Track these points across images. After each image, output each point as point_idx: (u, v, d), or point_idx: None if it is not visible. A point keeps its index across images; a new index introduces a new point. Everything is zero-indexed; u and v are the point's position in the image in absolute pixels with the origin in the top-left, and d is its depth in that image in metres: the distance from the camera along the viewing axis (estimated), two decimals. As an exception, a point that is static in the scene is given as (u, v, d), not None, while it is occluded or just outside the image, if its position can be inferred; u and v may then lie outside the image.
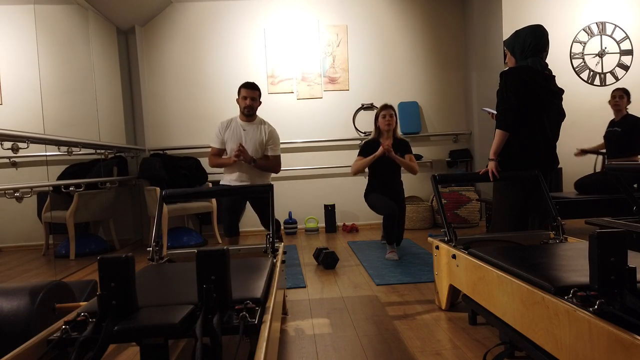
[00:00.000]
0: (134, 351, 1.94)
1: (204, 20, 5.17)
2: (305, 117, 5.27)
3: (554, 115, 2.55)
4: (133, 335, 1.11)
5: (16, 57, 3.53)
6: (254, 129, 3.40)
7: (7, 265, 3.61)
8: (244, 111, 3.37)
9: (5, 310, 1.52)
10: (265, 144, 3.40)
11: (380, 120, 3.63)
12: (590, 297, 1.19)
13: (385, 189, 3.64)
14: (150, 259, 2.03)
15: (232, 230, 3.38)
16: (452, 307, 2.30)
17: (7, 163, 3.64)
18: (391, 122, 3.59)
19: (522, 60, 2.47)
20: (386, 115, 3.60)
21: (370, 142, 3.68)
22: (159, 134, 5.21)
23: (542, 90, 2.43)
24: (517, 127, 2.44)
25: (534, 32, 2.45)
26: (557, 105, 2.56)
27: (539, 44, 2.43)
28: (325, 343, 1.94)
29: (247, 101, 3.34)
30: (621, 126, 4.06)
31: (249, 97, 3.34)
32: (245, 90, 3.36)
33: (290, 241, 4.60)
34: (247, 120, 3.41)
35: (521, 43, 2.46)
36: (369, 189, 3.71)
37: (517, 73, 2.42)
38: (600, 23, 4.80)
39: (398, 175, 3.72)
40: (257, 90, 3.40)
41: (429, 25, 5.34)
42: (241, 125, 3.41)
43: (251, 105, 3.35)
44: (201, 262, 1.19)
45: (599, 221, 2.93)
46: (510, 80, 2.41)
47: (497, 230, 2.56)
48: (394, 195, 3.63)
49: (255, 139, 3.38)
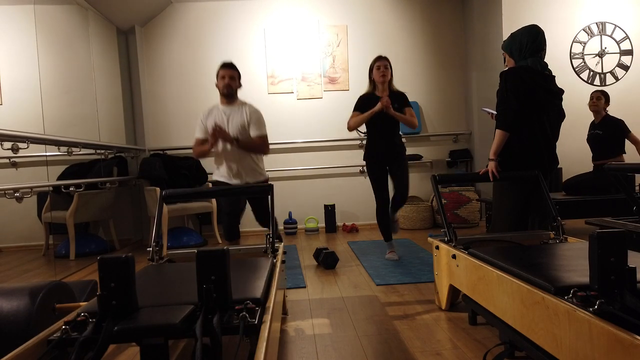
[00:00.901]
0: (134, 351, 1.94)
1: (204, 20, 5.17)
2: (305, 117, 5.27)
3: (554, 115, 2.55)
4: (133, 335, 1.11)
5: (16, 57, 3.53)
6: (236, 112, 3.21)
7: (7, 266, 3.61)
8: (223, 91, 3.19)
9: (5, 311, 1.52)
10: (248, 125, 3.20)
11: (374, 72, 3.37)
12: (590, 297, 1.19)
13: (385, 147, 3.39)
14: (150, 259, 2.03)
15: (233, 234, 3.26)
16: (452, 307, 2.30)
17: (7, 163, 3.64)
18: (386, 74, 3.33)
19: (521, 61, 2.46)
20: (380, 67, 3.33)
21: (365, 97, 3.42)
22: (159, 134, 5.21)
23: (542, 90, 2.43)
24: (517, 127, 2.44)
25: (529, 31, 2.45)
26: (557, 106, 2.56)
27: (535, 43, 2.43)
28: (325, 343, 1.94)
29: (226, 80, 3.17)
30: (602, 128, 4.06)
31: (227, 76, 3.17)
32: (222, 70, 3.20)
33: (290, 241, 4.60)
34: (227, 103, 3.23)
35: (518, 44, 2.47)
36: (369, 154, 3.45)
37: (517, 73, 2.42)
38: (600, 23, 4.80)
39: (397, 129, 3.45)
40: (235, 70, 3.23)
41: (429, 25, 5.34)
42: (222, 109, 3.23)
43: (229, 84, 3.17)
44: (201, 262, 1.19)
45: (599, 221, 2.93)
46: (510, 80, 2.40)
47: (497, 230, 2.55)
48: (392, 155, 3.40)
49: (238, 122, 3.19)
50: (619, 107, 4.75)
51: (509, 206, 2.52)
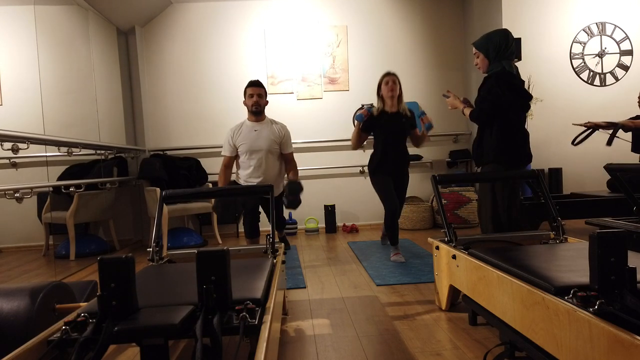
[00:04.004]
0: (134, 352, 1.94)
1: (204, 21, 5.17)
2: (305, 117, 5.27)
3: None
4: (133, 335, 1.11)
5: (16, 58, 3.53)
6: (266, 128, 3.44)
7: (7, 266, 3.61)
8: (252, 109, 3.39)
9: (5, 311, 1.52)
10: (281, 142, 3.46)
11: (383, 87, 3.39)
12: (591, 297, 1.19)
13: (394, 159, 3.41)
14: (150, 260, 2.03)
15: (253, 232, 3.54)
16: (452, 307, 2.30)
17: (7, 164, 3.64)
18: (394, 89, 3.35)
19: (496, 63, 2.58)
20: (389, 82, 3.36)
21: (374, 117, 3.41)
22: (159, 134, 5.21)
23: (524, 92, 2.59)
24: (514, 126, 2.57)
25: (506, 35, 2.57)
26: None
27: (509, 47, 2.57)
28: (325, 343, 1.94)
29: (254, 98, 3.37)
30: None
31: (255, 94, 3.38)
32: (251, 88, 3.40)
33: (290, 241, 4.59)
34: (256, 119, 3.44)
35: (494, 45, 2.56)
36: (377, 166, 3.43)
37: (510, 75, 2.56)
38: (600, 23, 4.80)
39: (405, 140, 3.47)
40: (262, 88, 3.43)
41: (429, 26, 5.34)
42: (252, 126, 3.44)
43: (258, 102, 3.38)
44: (201, 263, 1.19)
45: (599, 221, 2.93)
46: (503, 80, 2.53)
47: (485, 231, 2.63)
48: (401, 165, 3.44)
49: (269, 137, 3.41)
50: (619, 107, 4.76)
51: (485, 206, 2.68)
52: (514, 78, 2.56)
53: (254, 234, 3.55)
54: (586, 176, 4.84)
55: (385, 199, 3.39)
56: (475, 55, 2.68)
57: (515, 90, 2.54)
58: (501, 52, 2.55)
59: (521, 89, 2.58)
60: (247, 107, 3.46)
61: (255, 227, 3.53)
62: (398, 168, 3.47)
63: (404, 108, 3.45)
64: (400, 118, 3.37)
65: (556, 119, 4.71)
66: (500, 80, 2.52)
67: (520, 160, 2.60)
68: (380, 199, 3.44)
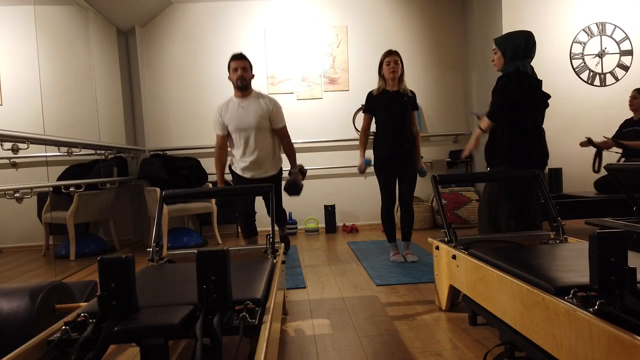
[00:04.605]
0: (134, 352, 1.94)
1: (204, 21, 5.17)
2: (305, 117, 5.27)
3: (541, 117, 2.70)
4: (133, 335, 1.11)
5: (16, 58, 3.53)
6: (253, 103, 3.22)
7: (7, 266, 3.61)
8: (237, 83, 3.18)
9: (5, 311, 1.52)
10: (269, 116, 3.25)
11: (384, 67, 3.27)
12: (591, 297, 1.18)
13: (397, 142, 3.29)
14: (150, 260, 2.03)
15: (250, 231, 3.45)
16: (452, 307, 2.30)
17: (7, 164, 3.64)
18: (396, 69, 3.23)
19: (511, 62, 2.56)
20: (390, 62, 3.23)
21: (375, 95, 3.33)
22: (159, 134, 5.21)
23: (538, 93, 2.57)
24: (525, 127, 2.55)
25: (527, 37, 2.56)
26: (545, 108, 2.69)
27: (527, 49, 2.55)
28: (325, 343, 1.94)
29: (239, 72, 3.15)
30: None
31: (239, 68, 3.16)
32: (234, 61, 3.18)
33: (290, 242, 4.59)
34: (242, 95, 3.23)
35: (513, 45, 2.55)
36: (380, 153, 3.34)
37: (522, 75, 2.52)
38: (600, 23, 4.80)
39: (407, 125, 3.33)
40: (247, 60, 3.21)
41: (429, 26, 5.34)
42: (238, 102, 3.23)
43: (243, 76, 3.17)
44: (201, 263, 1.19)
45: (599, 221, 2.93)
46: (514, 80, 2.50)
47: (482, 231, 2.63)
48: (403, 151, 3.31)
49: (256, 112, 3.20)
50: (618, 108, 4.75)
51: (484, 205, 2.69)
52: (527, 77, 2.53)
53: (251, 233, 3.45)
54: (586, 176, 4.83)
55: (383, 191, 3.37)
56: (493, 52, 2.66)
57: (526, 89, 2.50)
58: (519, 53, 2.54)
59: (534, 88, 2.54)
60: (232, 82, 3.24)
61: (251, 226, 3.45)
62: (402, 148, 3.30)
63: (405, 87, 3.33)
64: (402, 97, 3.27)
65: (556, 119, 4.71)
66: (511, 81, 2.51)
67: (531, 161, 2.54)
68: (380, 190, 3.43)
